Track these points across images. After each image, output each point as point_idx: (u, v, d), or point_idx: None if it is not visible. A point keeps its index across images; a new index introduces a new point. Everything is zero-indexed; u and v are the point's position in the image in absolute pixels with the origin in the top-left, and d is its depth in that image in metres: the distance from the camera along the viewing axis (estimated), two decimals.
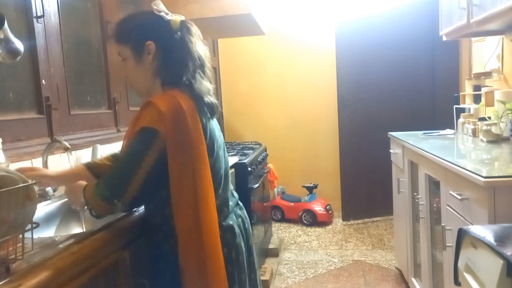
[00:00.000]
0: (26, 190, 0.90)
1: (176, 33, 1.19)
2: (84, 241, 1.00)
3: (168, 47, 1.19)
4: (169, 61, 1.18)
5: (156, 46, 1.18)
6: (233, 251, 1.23)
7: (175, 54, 1.18)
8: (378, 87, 3.94)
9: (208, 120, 1.20)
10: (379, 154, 3.33)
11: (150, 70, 1.20)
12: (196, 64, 1.20)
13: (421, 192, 2.14)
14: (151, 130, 1.08)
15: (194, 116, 1.13)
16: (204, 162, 1.13)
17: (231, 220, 1.26)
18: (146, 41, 1.17)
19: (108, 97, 2.10)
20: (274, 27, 4.16)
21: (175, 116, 1.09)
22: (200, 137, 1.13)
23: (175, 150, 1.09)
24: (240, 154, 2.71)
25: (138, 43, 1.18)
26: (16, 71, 1.49)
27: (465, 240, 1.20)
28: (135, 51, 1.19)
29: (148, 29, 1.20)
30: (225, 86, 4.47)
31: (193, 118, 1.12)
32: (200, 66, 1.21)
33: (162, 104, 1.09)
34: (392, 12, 3.88)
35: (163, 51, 1.19)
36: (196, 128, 1.12)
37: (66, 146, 1.49)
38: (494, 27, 2.23)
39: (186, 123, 1.10)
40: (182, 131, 1.10)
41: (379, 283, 2.75)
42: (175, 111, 1.09)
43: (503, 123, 2.14)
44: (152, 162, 1.08)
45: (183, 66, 1.17)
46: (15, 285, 0.76)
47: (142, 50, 1.18)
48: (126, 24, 1.23)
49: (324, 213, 3.97)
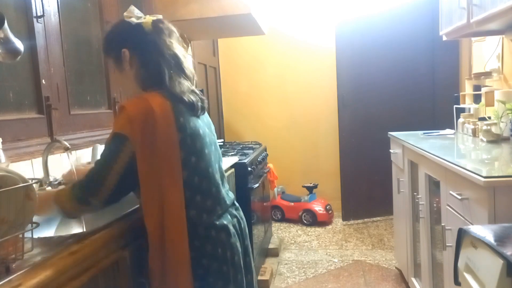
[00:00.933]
0: (26, 190, 0.90)
1: (148, 35, 1.21)
2: (84, 241, 1.00)
3: (140, 51, 1.21)
4: (144, 65, 1.21)
5: (130, 53, 1.21)
6: (228, 251, 1.23)
7: (148, 57, 1.21)
8: (378, 87, 3.94)
9: (188, 119, 1.20)
10: (379, 154, 3.33)
11: (131, 77, 1.23)
12: (170, 64, 1.21)
13: (421, 192, 2.14)
14: (121, 136, 1.12)
15: (167, 117, 1.14)
16: (171, 163, 1.14)
17: (226, 220, 1.26)
18: (121, 49, 1.21)
19: (108, 97, 2.10)
20: (274, 27, 4.15)
21: (143, 120, 1.12)
22: (170, 138, 1.14)
23: (142, 152, 1.12)
24: (240, 154, 2.71)
25: (116, 52, 1.22)
26: (16, 71, 1.49)
27: (465, 240, 1.20)
28: (115, 61, 1.24)
29: (121, 37, 1.24)
30: (225, 86, 4.47)
31: (165, 119, 1.14)
32: (176, 65, 1.22)
33: (131, 109, 1.13)
34: (392, 12, 3.88)
35: (137, 56, 1.21)
36: (166, 130, 1.14)
37: (66, 146, 1.49)
38: (494, 27, 2.23)
39: (155, 126, 1.12)
40: (149, 134, 1.12)
41: (379, 283, 2.75)
42: (144, 114, 1.12)
43: (503, 123, 2.14)
44: (124, 164, 1.12)
45: (157, 68, 1.20)
46: (15, 284, 0.76)
47: (120, 59, 1.22)
48: (106, 36, 1.28)
49: (324, 213, 3.97)
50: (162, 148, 1.13)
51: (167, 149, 1.14)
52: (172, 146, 1.14)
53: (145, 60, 1.21)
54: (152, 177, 1.13)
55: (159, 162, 1.13)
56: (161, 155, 1.13)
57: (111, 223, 1.15)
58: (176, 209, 1.14)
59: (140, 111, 1.12)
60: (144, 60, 1.21)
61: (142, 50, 1.21)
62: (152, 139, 1.12)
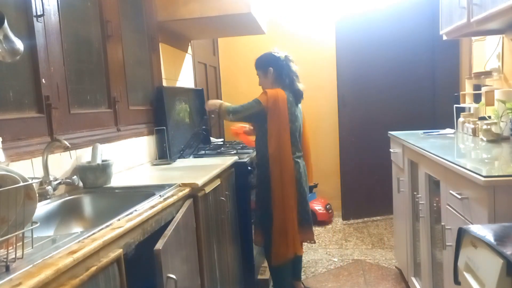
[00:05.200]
0: (26, 189, 0.90)
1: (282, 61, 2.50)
2: (84, 241, 1.00)
3: (279, 69, 2.49)
4: (280, 75, 2.49)
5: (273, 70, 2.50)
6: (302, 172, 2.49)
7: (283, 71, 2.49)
8: (378, 86, 3.95)
9: (292, 104, 2.44)
10: (379, 153, 3.33)
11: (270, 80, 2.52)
12: (293, 75, 2.50)
13: (421, 191, 2.14)
14: (259, 102, 2.39)
15: (284, 100, 2.39)
16: (285, 120, 2.38)
17: (299, 159, 2.48)
18: (268, 67, 2.51)
19: (108, 96, 2.09)
20: (274, 26, 4.15)
21: (274, 97, 2.37)
22: (285, 109, 2.38)
23: (272, 113, 2.37)
24: (240, 154, 2.71)
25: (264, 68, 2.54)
26: (16, 70, 1.49)
27: (465, 240, 1.20)
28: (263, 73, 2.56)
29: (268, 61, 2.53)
30: (225, 85, 4.47)
31: (283, 101, 2.38)
32: (296, 76, 2.50)
33: (269, 92, 2.40)
34: (392, 10, 3.88)
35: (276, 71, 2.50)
36: (283, 105, 2.37)
37: (66, 145, 1.49)
38: (494, 26, 2.23)
39: (278, 101, 2.37)
40: (275, 104, 2.36)
41: (379, 282, 2.75)
42: (275, 95, 2.38)
43: (503, 123, 2.14)
44: (254, 111, 2.39)
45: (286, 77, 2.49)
46: (15, 284, 0.76)
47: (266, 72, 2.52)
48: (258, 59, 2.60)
49: (324, 212, 3.97)
50: (282, 113, 2.37)
51: (284, 113, 2.37)
52: (286, 113, 2.38)
53: (282, 73, 2.49)
54: (275, 124, 2.36)
55: (280, 118, 2.36)
56: (281, 116, 2.37)
57: (111, 223, 1.16)
58: (286, 143, 2.38)
59: (273, 93, 2.39)
60: (281, 73, 2.49)
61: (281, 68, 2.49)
62: (278, 107, 2.36)
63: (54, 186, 1.52)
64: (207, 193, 1.86)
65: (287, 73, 2.46)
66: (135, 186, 1.77)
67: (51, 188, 1.50)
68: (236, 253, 2.42)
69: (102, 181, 1.75)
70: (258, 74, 2.56)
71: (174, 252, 1.38)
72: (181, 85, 3.17)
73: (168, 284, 1.25)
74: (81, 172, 1.73)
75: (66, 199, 1.55)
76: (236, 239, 2.45)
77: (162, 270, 1.23)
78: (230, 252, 2.28)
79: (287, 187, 2.37)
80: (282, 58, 2.47)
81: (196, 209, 1.72)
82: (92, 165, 1.74)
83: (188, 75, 3.39)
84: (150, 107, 2.57)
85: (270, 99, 2.35)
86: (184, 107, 2.97)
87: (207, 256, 1.83)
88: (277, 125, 2.35)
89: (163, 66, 2.79)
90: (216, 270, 1.97)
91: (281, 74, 2.46)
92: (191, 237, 1.64)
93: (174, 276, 1.26)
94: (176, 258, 1.41)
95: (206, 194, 1.86)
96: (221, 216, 2.13)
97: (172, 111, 2.74)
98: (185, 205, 1.60)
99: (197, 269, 1.69)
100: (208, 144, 3.17)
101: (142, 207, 1.35)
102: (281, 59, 2.47)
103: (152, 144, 2.53)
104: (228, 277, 2.19)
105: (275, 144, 2.35)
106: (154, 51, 2.64)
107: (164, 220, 1.44)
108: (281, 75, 2.46)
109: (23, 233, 0.89)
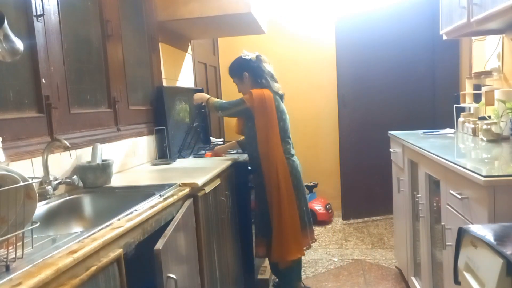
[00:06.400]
0: (26, 189, 0.90)
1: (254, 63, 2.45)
2: (84, 240, 1.00)
3: (252, 71, 2.45)
4: (255, 78, 2.45)
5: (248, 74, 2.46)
6: (298, 170, 2.46)
7: (258, 73, 2.44)
8: (378, 86, 3.94)
9: (279, 102, 2.43)
10: (379, 153, 3.33)
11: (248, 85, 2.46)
12: (267, 76, 2.45)
13: (421, 191, 2.14)
14: (243, 102, 2.36)
15: (271, 99, 2.37)
16: (274, 118, 2.36)
17: (292, 157, 2.46)
18: (243, 72, 2.47)
19: (108, 96, 2.09)
20: (274, 26, 4.15)
21: (261, 97, 2.35)
22: (273, 108, 2.36)
23: (258, 112, 2.34)
24: (240, 153, 2.71)
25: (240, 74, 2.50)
26: (16, 70, 1.49)
27: (465, 239, 1.20)
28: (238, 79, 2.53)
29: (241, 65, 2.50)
30: (225, 85, 4.46)
31: (270, 100, 2.36)
32: (270, 76, 2.47)
33: (254, 92, 2.36)
34: (392, 10, 3.88)
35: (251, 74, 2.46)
36: (271, 104, 2.36)
37: (66, 145, 1.49)
38: (494, 26, 2.23)
39: (265, 101, 2.34)
40: (262, 103, 2.34)
41: (379, 282, 2.75)
42: (261, 95, 2.35)
43: (503, 122, 2.14)
44: (240, 109, 2.38)
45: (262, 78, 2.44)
46: (15, 283, 0.76)
47: (242, 77, 2.48)
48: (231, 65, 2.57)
49: (324, 212, 3.97)
50: (269, 112, 2.35)
51: (272, 112, 2.35)
52: (273, 111, 2.36)
53: (257, 75, 2.44)
54: (263, 124, 2.34)
55: (268, 117, 2.34)
56: (268, 115, 2.34)
57: (111, 223, 1.16)
58: (277, 143, 2.37)
59: (259, 93, 2.36)
60: (257, 75, 2.44)
61: (254, 70, 2.45)
62: (264, 106, 2.34)
63: (54, 186, 1.52)
64: (207, 193, 1.86)
65: (261, 75, 2.42)
66: (135, 186, 1.77)
67: (51, 188, 1.50)
68: (236, 253, 2.42)
69: (102, 181, 1.75)
70: (235, 82, 2.52)
71: (174, 252, 1.39)
72: (181, 85, 3.17)
73: (168, 284, 1.25)
74: (81, 172, 1.73)
75: (66, 199, 1.55)
76: (236, 239, 2.45)
77: (162, 270, 1.23)
78: (230, 252, 2.28)
79: (283, 187, 2.34)
80: (253, 60, 2.44)
81: (196, 209, 1.72)
82: (92, 165, 1.74)
83: (188, 75, 3.39)
84: (150, 107, 2.57)
85: (256, 99, 2.32)
86: (184, 107, 2.97)
87: (207, 256, 1.83)
88: (265, 125, 2.33)
89: (163, 66, 2.79)
90: (216, 270, 1.97)
91: (256, 76, 2.43)
92: (191, 237, 1.64)
93: (174, 276, 1.26)
94: (176, 258, 1.41)
95: (206, 194, 1.86)
96: (221, 216, 2.13)
97: (172, 111, 2.74)
98: (185, 205, 1.60)
99: (197, 269, 1.69)
100: (208, 144, 3.17)
101: (142, 207, 1.35)
102: (253, 61, 2.43)
103: (152, 144, 2.53)
104: (228, 277, 2.19)
105: (265, 144, 2.34)
106: (154, 51, 2.64)
107: (164, 220, 1.44)
108: (256, 78, 2.43)
109: (23, 233, 0.89)
